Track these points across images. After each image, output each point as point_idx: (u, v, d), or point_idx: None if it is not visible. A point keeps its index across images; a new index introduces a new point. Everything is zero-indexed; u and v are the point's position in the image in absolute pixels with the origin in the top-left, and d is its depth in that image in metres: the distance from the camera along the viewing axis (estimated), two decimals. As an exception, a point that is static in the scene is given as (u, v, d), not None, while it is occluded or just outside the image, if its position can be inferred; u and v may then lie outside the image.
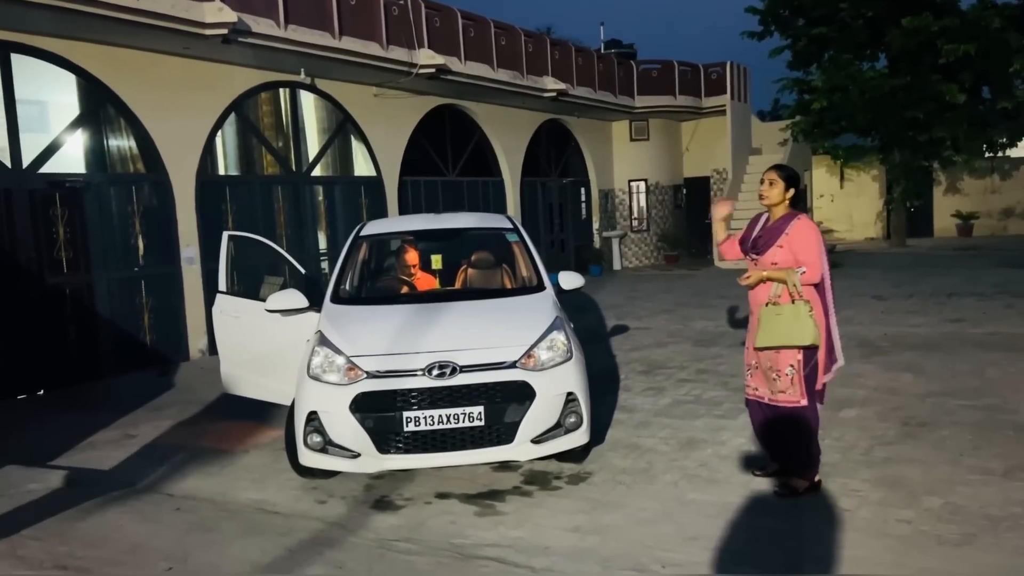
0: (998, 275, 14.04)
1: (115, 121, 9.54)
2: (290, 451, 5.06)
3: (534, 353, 4.82)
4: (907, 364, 7.51)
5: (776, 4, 21.11)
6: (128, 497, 4.93)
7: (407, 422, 4.56)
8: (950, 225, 24.50)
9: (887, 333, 9.10)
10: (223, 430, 6.55)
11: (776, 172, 4.52)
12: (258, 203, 11.18)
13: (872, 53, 20.98)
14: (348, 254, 6.11)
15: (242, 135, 11.23)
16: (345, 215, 12.53)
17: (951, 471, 4.67)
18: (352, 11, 11.16)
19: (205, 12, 8.90)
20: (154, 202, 9.84)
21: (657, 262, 20.68)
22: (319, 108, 12.42)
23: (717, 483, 4.74)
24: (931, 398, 6.29)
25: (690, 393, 6.97)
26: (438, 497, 4.76)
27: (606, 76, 17.97)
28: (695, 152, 21.26)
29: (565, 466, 5.12)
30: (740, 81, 20.46)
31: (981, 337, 8.66)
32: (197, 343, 10.13)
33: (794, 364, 4.32)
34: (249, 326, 6.15)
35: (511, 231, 6.41)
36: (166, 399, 7.89)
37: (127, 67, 9.35)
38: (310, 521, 4.47)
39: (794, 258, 4.31)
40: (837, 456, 4.96)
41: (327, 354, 4.83)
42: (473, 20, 13.75)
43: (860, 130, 21.00)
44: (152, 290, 9.75)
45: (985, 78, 19.94)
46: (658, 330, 10.41)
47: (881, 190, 24.70)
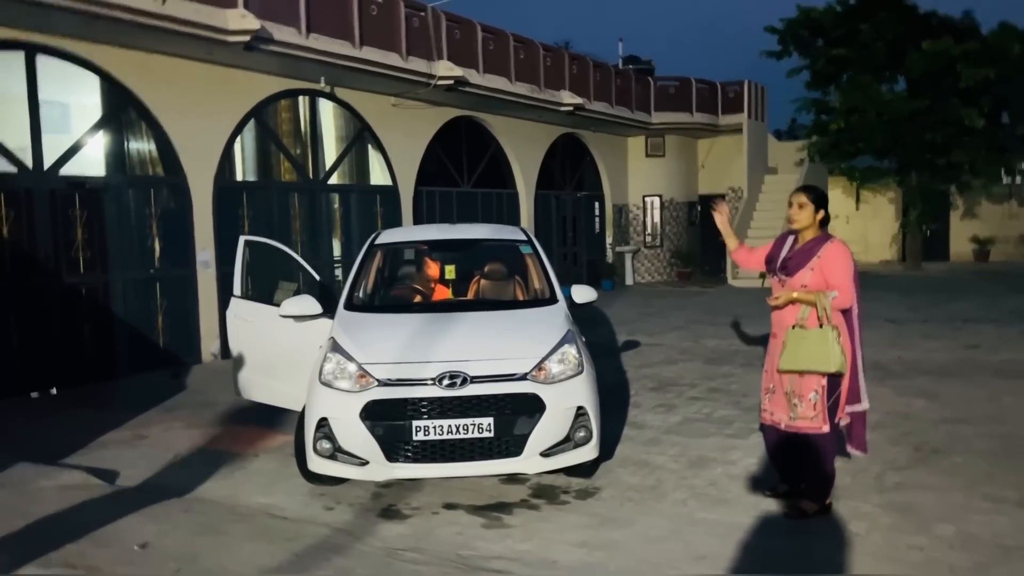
0: (1015, 302, 13.93)
1: (136, 124, 9.64)
2: (299, 457, 5.07)
3: (545, 366, 4.81)
4: (921, 389, 7.45)
5: (795, 24, 21.12)
6: (138, 497, 4.94)
7: (416, 431, 4.57)
8: (967, 249, 24.33)
9: (901, 357, 9.04)
10: (234, 433, 6.57)
11: (805, 195, 4.44)
12: (274, 209, 11.26)
13: (891, 75, 20.94)
14: (363, 262, 6.14)
15: (261, 141, 11.32)
16: (360, 223, 12.59)
17: (964, 499, 4.62)
18: (373, 21, 11.25)
19: (228, 19, 9.00)
20: (172, 205, 9.92)
21: (670, 278, 20.64)
22: (337, 116, 12.51)
23: (727, 503, 4.71)
24: (945, 424, 6.23)
25: (701, 411, 6.93)
26: (445, 507, 4.75)
27: (623, 91, 18.02)
28: (711, 169, 21.25)
29: (573, 480, 5.11)
30: (757, 100, 20.46)
31: (997, 364, 8.59)
32: (210, 346, 10.18)
33: (818, 390, 4.25)
34: (262, 331, 6.20)
35: (525, 243, 6.43)
36: (178, 401, 7.93)
37: (150, 71, 9.46)
38: (318, 527, 4.47)
39: (825, 282, 4.25)
40: (848, 479, 4.92)
41: (339, 361, 4.85)
42: (492, 33, 13.83)
43: (877, 152, 20.94)
44: (167, 292, 9.82)
45: (1005, 103, 19.85)
46: (670, 347, 10.38)
47: (897, 212, 24.58)
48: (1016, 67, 18.51)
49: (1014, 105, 19.78)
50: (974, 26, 20.31)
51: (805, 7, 20.92)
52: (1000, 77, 18.37)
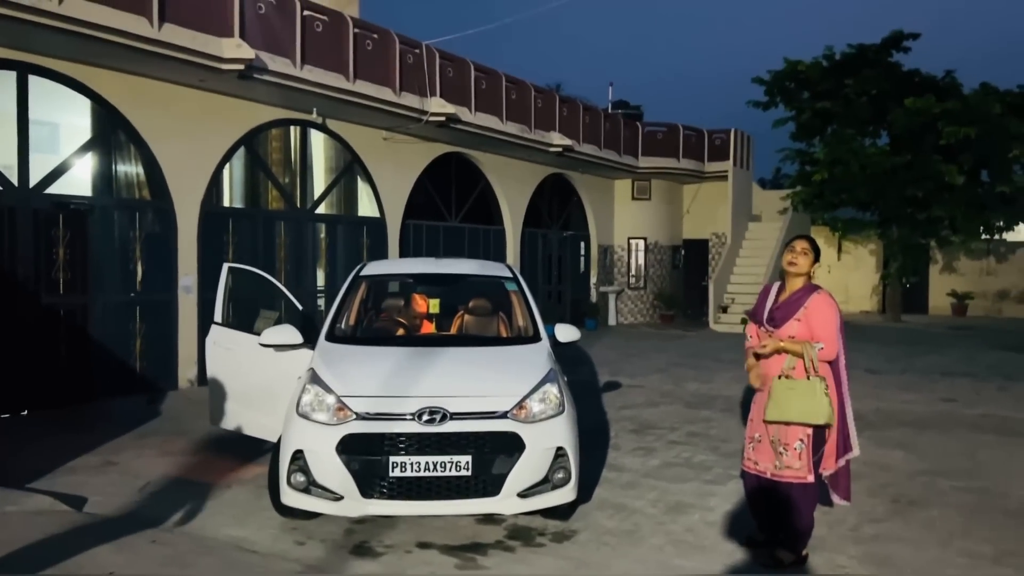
0: (992, 356, 14.07)
1: (125, 147, 9.63)
2: (272, 489, 4.99)
3: (526, 404, 4.79)
4: (898, 441, 7.47)
5: (782, 76, 21.55)
6: (104, 525, 4.84)
7: (393, 467, 4.51)
8: (945, 303, 24.62)
9: (879, 408, 9.07)
10: (207, 463, 6.47)
11: (808, 243, 4.47)
12: (260, 237, 11.23)
13: (874, 130, 21.36)
14: (347, 293, 6.12)
15: (250, 169, 11.34)
16: (346, 254, 12.57)
17: (940, 552, 4.62)
18: (368, 56, 11.37)
19: (224, 47, 9.07)
20: (156, 229, 9.88)
21: (652, 320, 20.71)
22: (328, 147, 12.56)
23: (703, 550, 4.68)
24: (922, 477, 6.24)
25: (680, 456, 6.91)
26: (419, 546, 4.68)
27: (612, 135, 18.24)
28: (695, 215, 21.47)
29: (550, 523, 5.05)
30: (743, 148, 20.77)
31: (974, 418, 8.64)
32: (187, 372, 10.06)
33: (804, 439, 4.26)
34: (241, 359, 6.14)
35: (510, 280, 6.44)
36: (152, 427, 7.81)
37: (141, 95, 9.48)
38: (288, 563, 4.39)
39: (811, 333, 4.28)
40: (825, 530, 4.89)
41: (317, 392, 4.80)
42: (485, 73, 14.00)
43: (860, 204, 21.26)
44: (147, 316, 9.72)
45: (984, 162, 20.26)
46: (651, 389, 10.37)
47: (878, 264, 24.89)
48: (996, 127, 18.92)
49: (993, 164, 20.19)
50: (956, 85, 20.80)
51: (792, 60, 21.37)
52: (980, 136, 18.77)
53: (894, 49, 21.12)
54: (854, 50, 21.12)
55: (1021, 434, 7.82)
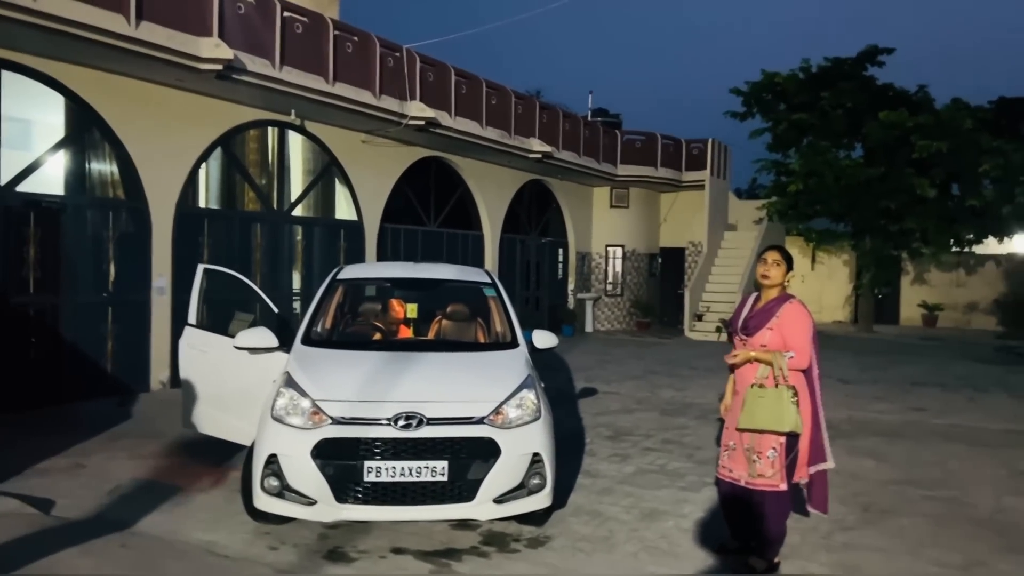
0: (961, 367, 14.28)
1: (99, 145, 9.50)
2: (245, 493, 4.94)
3: (503, 410, 4.78)
4: (870, 450, 7.55)
5: (759, 88, 21.76)
6: (73, 529, 4.76)
7: (368, 472, 4.48)
8: (916, 314, 24.97)
9: (851, 417, 9.17)
10: (178, 466, 6.38)
11: (780, 253, 4.51)
12: (236, 238, 11.13)
13: (849, 142, 21.61)
14: (323, 296, 6.08)
15: (226, 170, 11.24)
16: (323, 257, 12.50)
17: (910, 561, 4.67)
18: (348, 58, 11.33)
19: (202, 47, 8.99)
20: (130, 229, 9.75)
21: (629, 327, 20.79)
22: (306, 149, 12.49)
23: (677, 556, 4.69)
24: (893, 486, 6.31)
25: (655, 462, 6.93)
26: (393, 552, 4.65)
27: (591, 143, 18.32)
28: (672, 223, 21.62)
29: (525, 528, 5.05)
30: (720, 158, 20.95)
31: (944, 428, 8.76)
32: (160, 375, 9.94)
33: (776, 447, 4.30)
34: (216, 362, 6.07)
35: (489, 286, 6.43)
36: (123, 429, 7.70)
37: (117, 93, 9.37)
38: (260, 567, 4.35)
39: (783, 342, 4.32)
40: (797, 538, 4.93)
41: (292, 396, 4.76)
42: (466, 78, 14.00)
43: (834, 215, 21.50)
44: (119, 317, 9.59)
45: (956, 175, 20.58)
46: (626, 396, 10.40)
47: (851, 275, 25.18)
48: (966, 141, 19.24)
49: (964, 178, 20.51)
50: (928, 100, 21.13)
51: (770, 72, 21.60)
52: (952, 150, 19.07)
53: (869, 63, 21.42)
54: (830, 63, 21.39)
55: (990, 444, 7.94)
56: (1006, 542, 5.03)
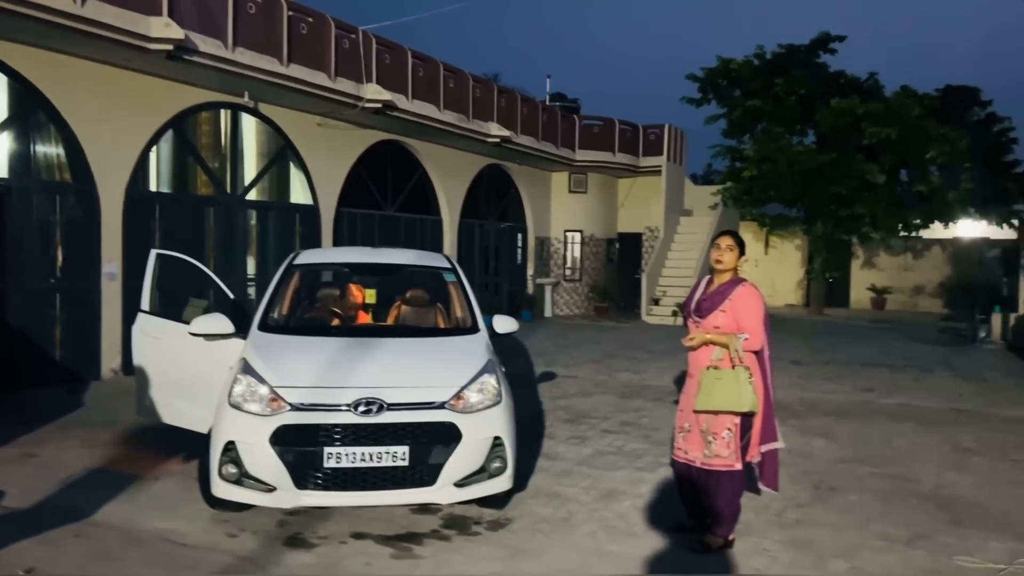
0: (908, 349, 14.71)
1: (45, 127, 9.24)
2: (203, 481, 4.90)
3: (464, 395, 4.80)
4: (821, 429, 7.76)
5: (715, 74, 21.97)
6: (26, 519, 4.67)
7: (328, 458, 4.47)
8: (865, 297, 25.60)
9: (803, 398, 9.40)
10: (133, 455, 6.29)
11: (732, 238, 4.60)
12: (189, 222, 10.93)
13: (802, 128, 21.97)
14: (280, 282, 6.01)
15: (178, 153, 11.00)
16: (278, 242, 12.34)
17: (858, 536, 4.83)
18: (302, 40, 11.15)
19: (151, 26, 8.77)
20: (79, 213, 9.51)
21: (587, 312, 20.95)
22: (260, 132, 12.28)
23: (635, 535, 4.78)
24: (842, 464, 6.50)
25: (612, 444, 7.03)
26: (354, 537, 4.66)
27: (549, 127, 18.34)
28: (630, 208, 21.79)
29: (485, 511, 5.09)
30: (676, 144, 21.15)
31: (891, 408, 9.03)
32: (111, 362, 9.74)
33: (731, 428, 4.39)
34: (170, 348, 5.98)
35: (449, 271, 6.43)
36: (74, 418, 7.54)
37: (64, 74, 9.09)
38: (219, 555, 4.32)
39: (736, 324, 4.41)
40: (751, 516, 5.06)
41: (250, 383, 4.71)
42: (423, 60, 13.89)
43: (786, 200, 21.87)
44: (68, 304, 9.36)
45: (904, 162, 21.09)
46: (585, 380, 10.50)
47: (803, 259, 25.68)
48: (915, 128, 19.72)
49: (912, 164, 21.03)
50: (878, 87, 21.58)
51: (725, 58, 21.82)
52: (900, 137, 19.53)
53: (821, 50, 21.78)
54: (784, 50, 21.69)
55: (935, 423, 8.21)
56: (948, 515, 5.23)
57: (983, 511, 5.34)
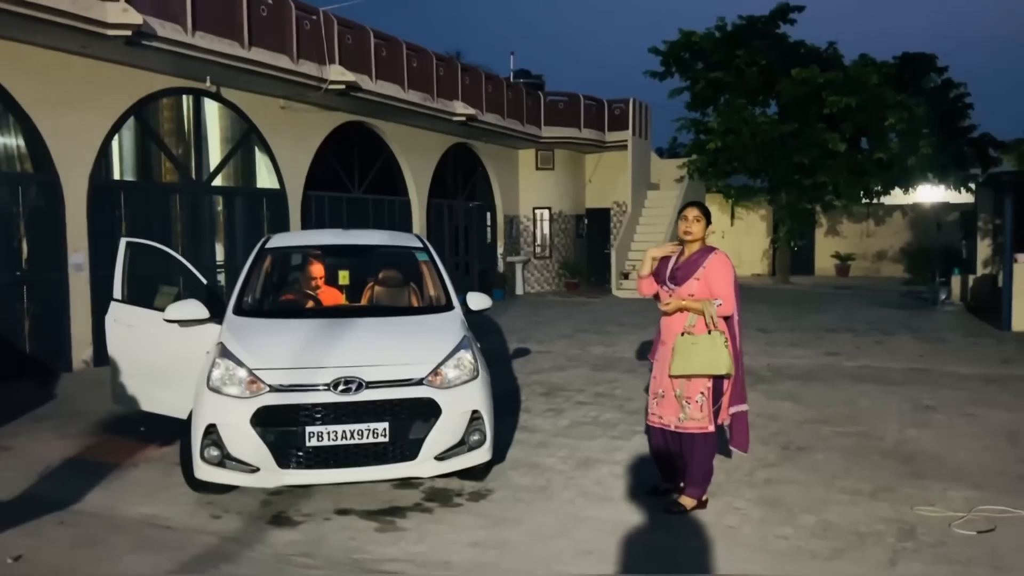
0: (870, 313, 15.07)
1: (3, 117, 9.08)
2: (185, 465, 4.94)
3: (441, 371, 4.89)
4: (787, 393, 7.98)
5: (677, 47, 22.08)
6: (7, 510, 4.69)
7: (309, 437, 4.54)
8: (830, 265, 26.09)
9: (770, 364, 9.64)
10: (110, 443, 6.30)
11: (699, 209, 4.74)
12: (155, 210, 10.83)
13: (764, 99, 22.19)
14: (252, 266, 6.03)
15: (141, 140, 10.88)
16: (246, 227, 12.27)
17: (825, 492, 5.02)
18: (263, 22, 11.04)
19: (108, 12, 8.63)
20: (42, 204, 9.39)
21: (558, 289, 21.10)
22: (223, 117, 12.16)
23: (612, 500, 4.93)
24: (808, 425, 6.72)
25: (588, 415, 7.18)
26: (338, 513, 4.74)
27: (514, 104, 18.34)
28: (597, 184, 21.91)
29: (466, 483, 5.20)
30: (641, 118, 21.26)
31: (854, 370, 9.29)
32: (82, 353, 9.67)
33: (704, 392, 4.55)
34: (144, 336, 5.97)
35: (421, 250, 6.49)
36: (47, 410, 7.51)
37: (19, 62, 8.93)
38: (205, 536, 4.38)
39: (710, 291, 4.55)
40: (723, 477, 5.22)
41: (228, 366, 4.76)
42: (385, 40, 13.81)
43: (750, 171, 22.13)
44: (35, 296, 9.27)
45: (864, 130, 21.44)
46: (558, 354, 10.65)
47: (768, 229, 26.06)
48: (874, 96, 20.02)
49: (872, 131, 21.38)
50: (838, 56, 21.85)
51: (687, 31, 21.93)
52: (860, 105, 19.83)
53: (781, 20, 21.96)
54: (744, 21, 21.84)
55: (896, 383, 8.48)
56: (909, 469, 5.45)
57: (942, 463, 5.57)
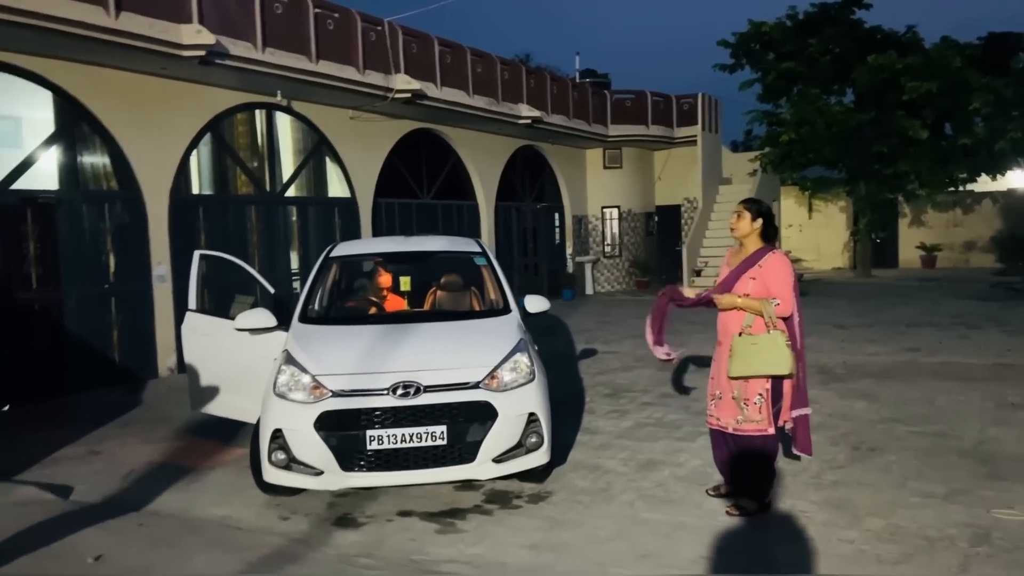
0: (956, 306, 14.42)
1: (90, 139, 9.59)
2: (255, 468, 5.13)
3: (497, 374, 4.95)
4: (862, 391, 7.73)
5: (747, 38, 21.64)
6: (91, 511, 4.97)
7: (371, 440, 4.67)
8: (915, 256, 25.07)
9: (845, 361, 9.35)
10: (189, 447, 6.59)
11: (742, 204, 4.71)
12: (231, 222, 11.25)
13: (839, 88, 21.54)
14: (318, 274, 6.23)
15: (217, 155, 11.32)
16: (318, 236, 12.61)
17: (895, 494, 4.86)
18: (330, 36, 11.34)
19: (183, 34, 9.03)
20: (126, 219, 9.88)
21: (629, 287, 20.93)
22: (295, 129, 12.55)
23: (672, 503, 4.89)
24: (882, 424, 6.50)
25: (652, 416, 7.12)
26: (400, 515, 4.85)
27: (580, 104, 18.30)
28: (667, 181, 21.64)
29: (526, 485, 5.24)
30: (711, 112, 20.88)
31: (934, 366, 8.93)
32: (166, 361, 10.13)
33: (763, 393, 4.47)
34: (218, 344, 6.23)
35: (479, 255, 6.57)
36: (133, 416, 7.91)
37: (103, 85, 9.43)
38: (273, 537, 4.54)
39: (766, 290, 4.47)
40: (788, 478, 5.12)
41: (293, 372, 4.93)
42: (450, 47, 13.99)
43: (827, 162, 21.50)
44: (122, 307, 9.76)
45: (947, 115, 20.54)
46: (625, 355, 10.58)
47: (848, 221, 25.23)
48: (956, 80, 19.17)
49: (955, 117, 20.47)
50: (917, 40, 21.01)
51: (756, 21, 21.46)
52: (942, 89, 19.02)
53: (856, 6, 21.27)
54: (816, 9, 21.25)
55: (978, 379, 8.11)
56: (988, 470, 5.22)
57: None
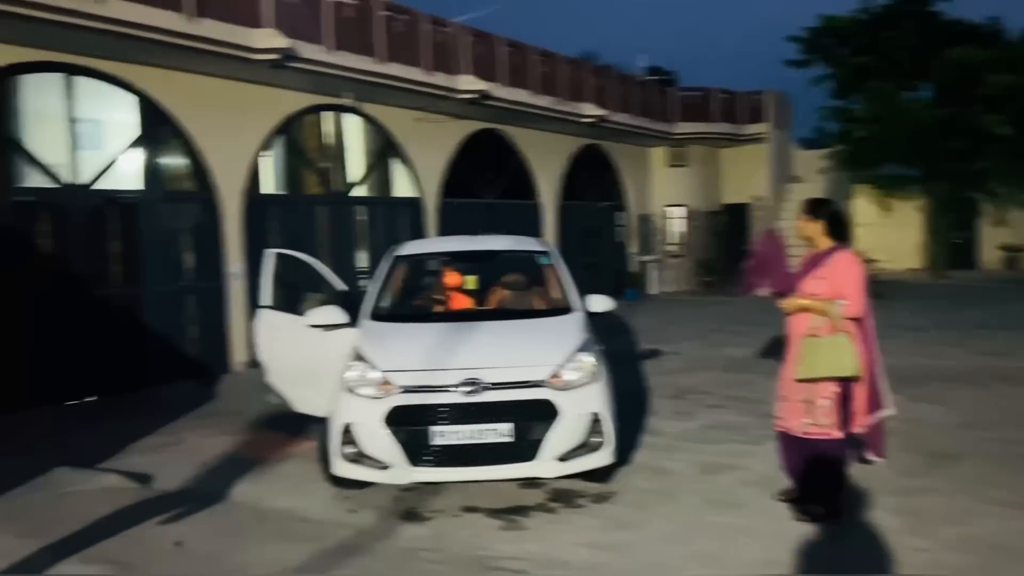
0: (1038, 310, 13.82)
1: (169, 141, 9.97)
2: (325, 461, 5.27)
3: (561, 373, 4.97)
4: (936, 396, 7.49)
5: (819, 34, 21.13)
6: (169, 500, 5.18)
7: (436, 436, 4.75)
8: (996, 258, 24.03)
9: (918, 364, 9.04)
10: (262, 440, 6.80)
11: (804, 207, 4.66)
12: (302, 221, 11.54)
13: (915, 83, 20.84)
14: (386, 273, 6.35)
15: (288, 155, 11.63)
16: (386, 235, 12.80)
17: (970, 502, 4.71)
18: (397, 37, 11.53)
19: (256, 37, 9.32)
20: (203, 219, 10.23)
21: (694, 288, 20.66)
22: (363, 130, 12.79)
23: (737, 506, 4.83)
24: (957, 430, 6.29)
25: (717, 418, 7.04)
26: (464, 510, 4.92)
27: (645, 102, 18.15)
28: (734, 179, 21.24)
29: (590, 485, 5.24)
30: (780, 109, 20.46)
31: (1012, 372, 8.58)
32: (240, 356, 10.45)
33: (830, 396, 4.38)
34: (290, 340, 6.38)
35: (543, 254, 6.61)
36: (208, 409, 8.19)
37: (181, 89, 9.78)
38: (340, 528, 4.66)
39: (835, 291, 4.38)
40: (860, 485, 4.99)
41: (363, 368, 5.05)
42: (515, 47, 14.06)
43: (902, 160, 20.82)
44: (198, 303, 10.12)
45: (1031, 110, 19.66)
46: (689, 355, 10.47)
47: (924, 220, 24.36)
48: (1041, 74, 18.38)
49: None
50: (999, 32, 20.18)
51: (829, 16, 20.93)
52: (1025, 84, 18.25)
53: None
54: (891, 1, 20.60)
55: (1063, 386, 7.77)
56: (1071, 481, 5.01)
57: (1113, 476, 5.08)
